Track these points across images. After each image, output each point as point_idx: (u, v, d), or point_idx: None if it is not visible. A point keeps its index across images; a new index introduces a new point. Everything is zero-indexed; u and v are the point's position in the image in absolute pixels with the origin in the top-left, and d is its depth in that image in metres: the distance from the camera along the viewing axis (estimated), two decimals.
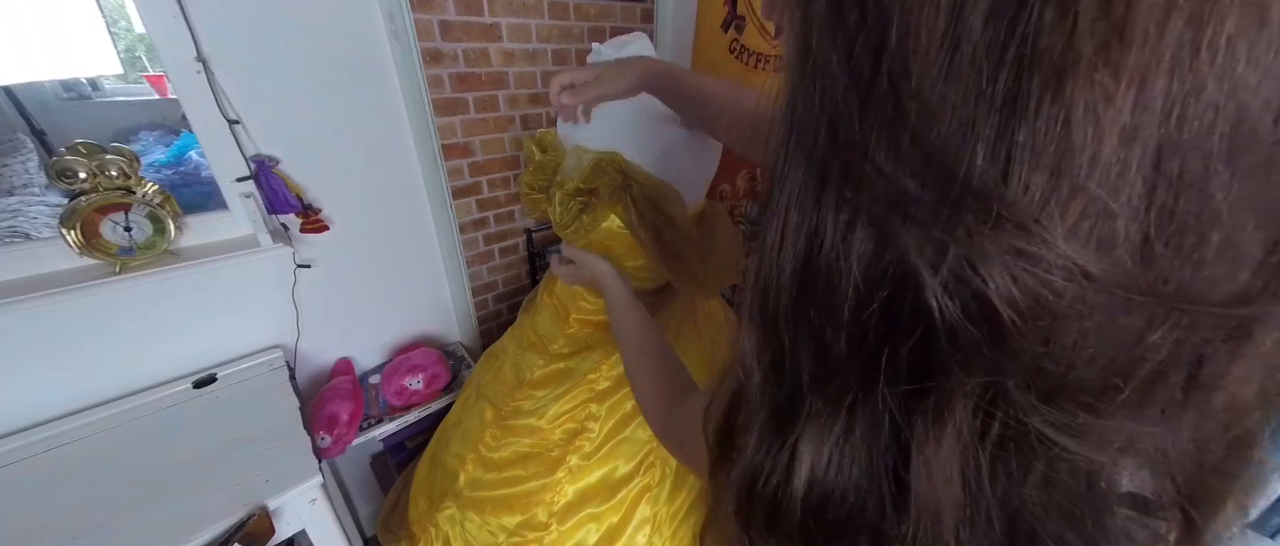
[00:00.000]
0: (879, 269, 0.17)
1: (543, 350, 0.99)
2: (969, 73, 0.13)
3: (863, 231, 0.17)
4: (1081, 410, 0.16)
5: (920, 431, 0.18)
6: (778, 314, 0.21)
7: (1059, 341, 0.15)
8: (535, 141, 0.94)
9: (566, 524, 0.83)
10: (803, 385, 0.21)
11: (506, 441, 0.92)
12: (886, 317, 0.18)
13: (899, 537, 0.19)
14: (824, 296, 0.19)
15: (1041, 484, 0.17)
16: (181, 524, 0.75)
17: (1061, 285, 0.14)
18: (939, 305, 0.16)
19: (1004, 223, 0.14)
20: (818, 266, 0.19)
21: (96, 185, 0.87)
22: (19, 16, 0.91)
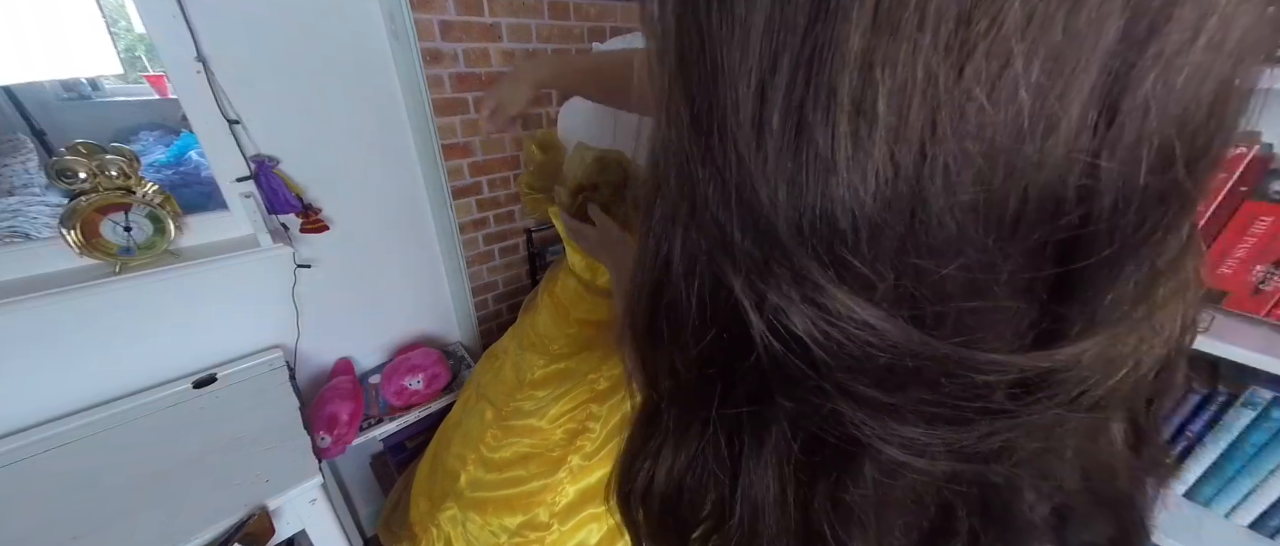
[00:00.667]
0: (716, 302, 0.20)
1: (543, 350, 0.99)
2: (772, 151, 0.16)
3: (702, 267, 0.19)
4: (902, 424, 0.17)
5: (747, 448, 0.21)
6: (639, 329, 0.23)
7: (867, 372, 0.17)
8: (535, 141, 0.94)
9: (568, 524, 0.83)
10: (662, 397, 0.24)
11: (507, 441, 0.92)
12: (723, 345, 0.20)
13: (728, 530, 0.23)
14: (672, 320, 0.21)
15: (838, 490, 0.20)
16: (181, 524, 0.74)
17: (853, 332, 0.16)
18: (761, 340, 0.18)
19: (802, 275, 0.16)
20: (667, 291, 0.21)
21: (96, 185, 0.87)
22: (19, 16, 0.91)
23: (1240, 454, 0.74)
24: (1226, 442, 0.74)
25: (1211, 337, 0.66)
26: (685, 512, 0.25)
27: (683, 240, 0.20)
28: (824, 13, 0.14)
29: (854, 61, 0.14)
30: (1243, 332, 0.67)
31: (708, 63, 0.16)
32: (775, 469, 0.21)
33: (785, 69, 0.15)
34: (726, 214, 0.17)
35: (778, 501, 0.21)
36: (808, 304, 0.16)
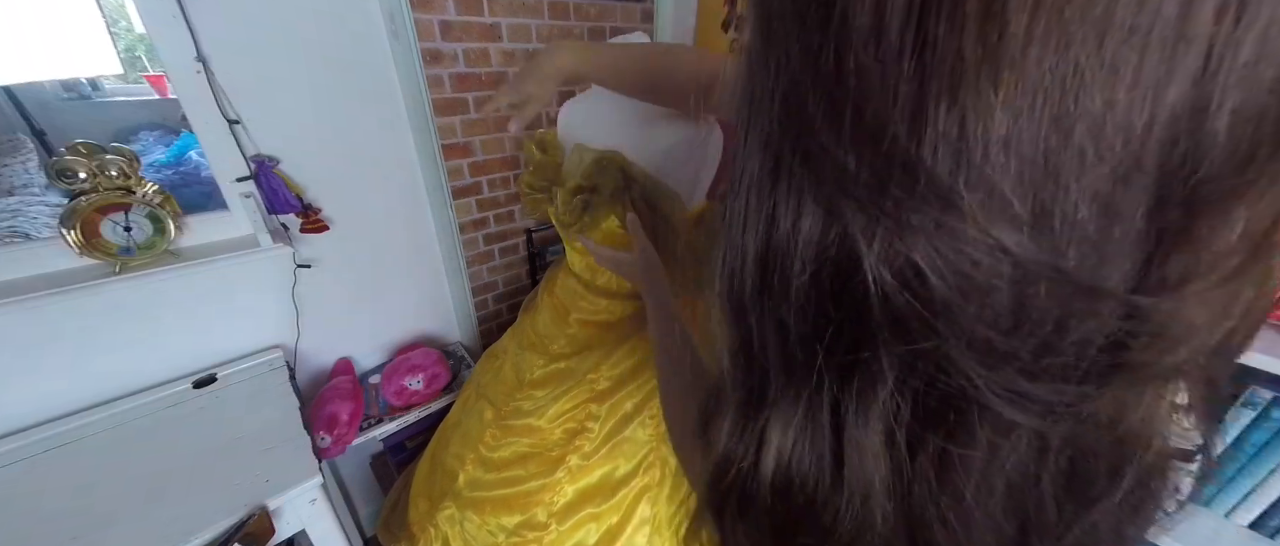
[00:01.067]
0: (825, 247, 0.18)
1: (543, 350, 0.99)
2: (892, 60, 0.15)
3: (810, 210, 0.18)
4: (1019, 375, 0.16)
5: (853, 411, 0.19)
6: (743, 298, 0.21)
7: (989, 309, 0.16)
8: (535, 141, 0.94)
9: (566, 524, 0.83)
10: (768, 369, 0.22)
11: (506, 441, 0.92)
12: (834, 298, 0.19)
13: (839, 518, 0.21)
14: (781, 278, 0.20)
15: (945, 457, 0.19)
16: (181, 524, 0.74)
17: (982, 258, 0.15)
18: (875, 277, 0.17)
19: (928, 197, 0.15)
20: (774, 248, 0.20)
21: (96, 185, 0.87)
22: (19, 16, 0.91)
23: (1240, 454, 0.74)
24: (1226, 443, 0.74)
25: None
26: (799, 504, 0.22)
27: (788, 187, 0.19)
28: None
29: None
30: None
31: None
32: (882, 435, 0.19)
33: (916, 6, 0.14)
34: (837, 139, 0.16)
35: (885, 472, 0.20)
36: (934, 229, 0.16)
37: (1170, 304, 0.16)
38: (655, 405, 0.87)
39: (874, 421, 0.19)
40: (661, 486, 0.85)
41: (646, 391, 0.87)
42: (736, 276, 0.22)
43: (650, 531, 0.83)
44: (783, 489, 0.22)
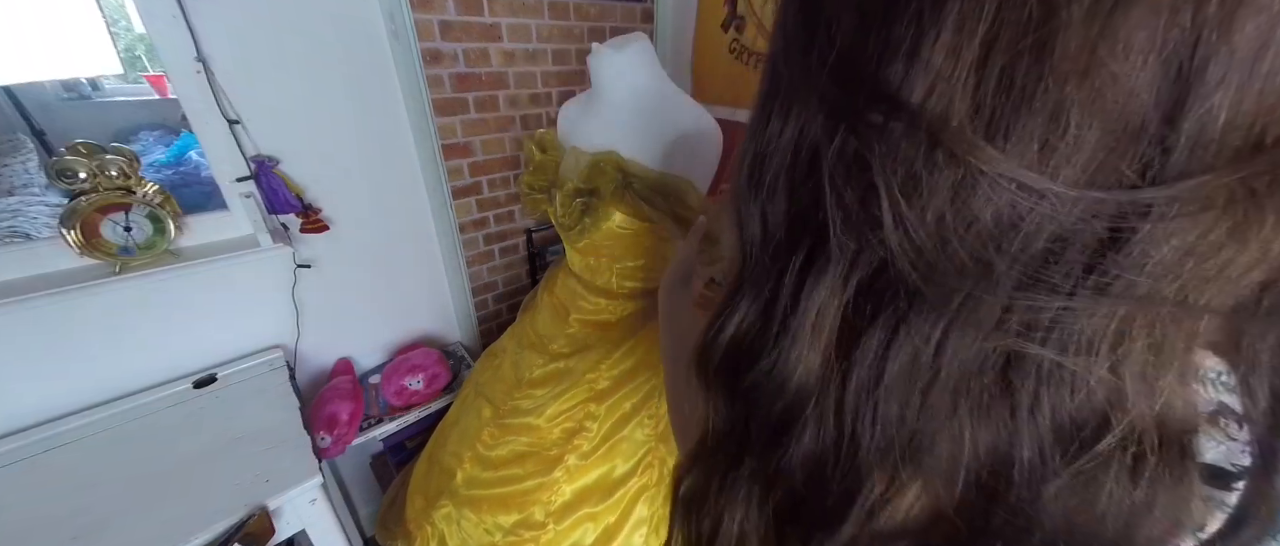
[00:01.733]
0: (802, 145, 0.21)
1: (542, 349, 0.99)
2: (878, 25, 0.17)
3: (792, 119, 0.21)
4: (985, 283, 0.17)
5: (805, 291, 0.21)
6: (739, 193, 0.25)
7: (928, 213, 0.17)
8: (535, 142, 0.94)
9: (563, 523, 0.83)
10: (752, 251, 0.25)
11: (504, 440, 0.92)
12: (808, 192, 0.21)
13: (775, 383, 0.23)
14: (767, 172, 0.23)
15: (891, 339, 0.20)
16: (181, 524, 0.75)
17: (942, 176, 0.17)
18: (830, 170, 0.19)
19: (903, 120, 0.17)
20: (764, 148, 0.23)
21: (96, 185, 0.87)
22: (19, 16, 0.91)
23: None
24: None
25: None
26: (745, 362, 0.25)
27: (779, 103, 0.22)
28: None
29: None
30: None
31: None
32: (828, 308, 0.21)
33: None
34: (819, 74, 0.19)
35: (819, 346, 0.22)
36: (929, 156, 0.17)
37: (1149, 223, 0.15)
38: (654, 405, 0.87)
39: (821, 294, 0.21)
40: (659, 486, 0.85)
41: (645, 391, 0.87)
42: (738, 174, 0.25)
43: (647, 531, 0.84)
44: (734, 348, 0.26)
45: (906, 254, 0.18)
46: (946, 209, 0.17)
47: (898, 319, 0.19)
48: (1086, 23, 0.14)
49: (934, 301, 0.18)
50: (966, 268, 0.17)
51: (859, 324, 0.20)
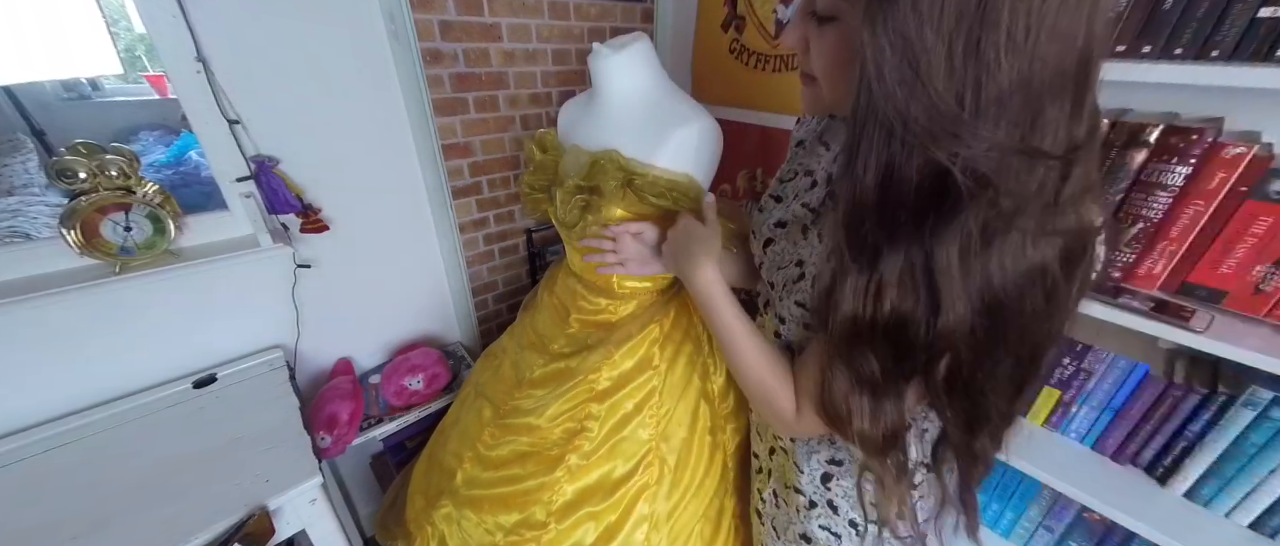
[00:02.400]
0: (925, 169, 0.35)
1: (543, 349, 0.99)
2: (938, 53, 0.32)
3: (916, 154, 0.35)
4: (1029, 216, 0.35)
5: (938, 247, 0.36)
6: (863, 209, 0.38)
7: (1016, 182, 0.34)
8: (535, 141, 0.94)
9: (564, 523, 0.83)
10: (879, 246, 0.38)
11: (505, 440, 0.92)
12: (928, 195, 0.36)
13: (932, 328, 0.38)
14: (898, 188, 0.36)
15: (1007, 260, 0.36)
16: (181, 524, 0.75)
17: (988, 155, 0.33)
18: (967, 182, 0.34)
19: (965, 132, 0.33)
20: (894, 175, 0.36)
21: (96, 185, 0.87)
22: (19, 16, 0.91)
23: (1240, 454, 0.74)
24: (1226, 442, 0.74)
25: (1211, 337, 0.66)
26: (905, 323, 0.39)
27: (901, 145, 0.35)
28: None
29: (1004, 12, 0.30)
30: (1243, 332, 0.67)
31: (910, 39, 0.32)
32: (958, 255, 0.35)
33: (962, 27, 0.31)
34: (917, 111, 0.33)
35: (959, 269, 0.36)
36: (986, 148, 0.33)
37: (1089, 148, 0.35)
38: (654, 405, 0.87)
39: (953, 248, 0.35)
40: (660, 484, 0.85)
41: (646, 391, 0.87)
42: (856, 199, 0.38)
43: (649, 529, 0.83)
44: (894, 319, 0.39)
45: (1005, 209, 0.34)
46: (1019, 179, 0.34)
47: (1000, 245, 0.35)
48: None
49: (1020, 230, 0.35)
50: (1029, 192, 0.34)
51: (977, 252, 0.35)
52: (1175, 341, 0.70)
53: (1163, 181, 0.69)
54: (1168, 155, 0.68)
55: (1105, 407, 0.87)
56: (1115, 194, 0.73)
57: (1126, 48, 0.68)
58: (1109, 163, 0.72)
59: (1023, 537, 1.04)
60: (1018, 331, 0.38)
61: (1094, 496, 0.83)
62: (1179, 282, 0.73)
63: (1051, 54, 0.30)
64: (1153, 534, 0.79)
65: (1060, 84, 0.32)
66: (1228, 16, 0.61)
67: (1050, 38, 0.30)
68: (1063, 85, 0.32)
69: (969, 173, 0.33)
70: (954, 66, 0.31)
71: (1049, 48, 0.30)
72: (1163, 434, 0.82)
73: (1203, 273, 0.71)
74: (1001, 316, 0.36)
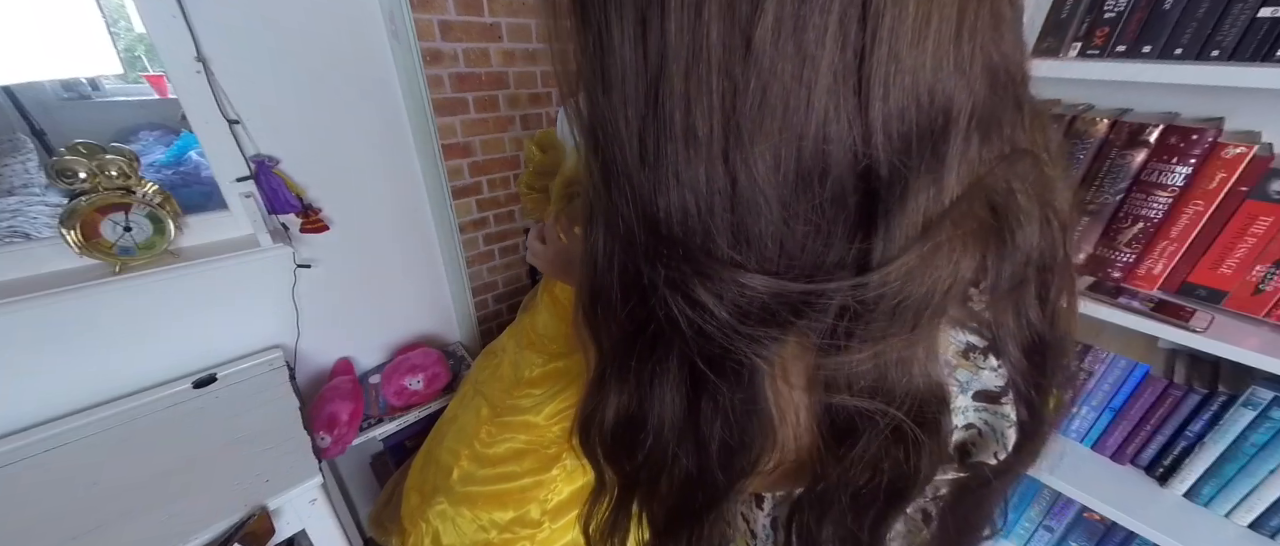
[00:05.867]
0: (625, 282, 0.27)
1: (542, 349, 0.99)
2: (636, 160, 0.23)
3: (619, 255, 0.27)
4: (768, 340, 0.24)
5: (655, 379, 0.28)
6: (586, 310, 0.31)
7: (750, 313, 0.24)
8: (535, 141, 0.94)
9: (559, 521, 0.83)
10: (605, 357, 0.31)
11: (502, 437, 0.92)
12: (634, 313, 0.27)
13: (651, 445, 0.30)
14: (605, 302, 0.29)
15: (718, 397, 0.27)
16: (181, 524, 0.75)
17: (725, 287, 0.23)
18: (662, 304, 0.25)
19: (685, 257, 0.24)
20: (599, 281, 0.29)
21: (96, 185, 0.87)
22: (19, 16, 0.91)
23: (1240, 454, 0.74)
24: (1226, 442, 0.74)
25: (1211, 337, 0.66)
26: (627, 437, 0.32)
27: (605, 246, 0.27)
28: (656, 83, 0.21)
29: (678, 101, 0.21)
30: (1243, 332, 0.67)
31: (604, 129, 0.24)
32: (675, 389, 0.28)
33: (649, 124, 0.22)
34: (630, 215, 0.25)
35: (677, 411, 0.28)
36: (698, 274, 0.23)
37: (879, 275, 0.22)
38: None
39: (668, 384, 0.28)
40: None
41: None
42: (581, 297, 0.31)
43: None
44: (617, 430, 0.32)
45: (718, 338, 0.24)
46: (733, 303, 0.24)
47: (717, 387, 0.26)
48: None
49: (736, 366, 0.25)
50: (756, 336, 0.24)
51: (695, 390, 0.27)
52: (1175, 341, 0.70)
53: (1163, 181, 0.69)
54: (1168, 155, 0.68)
55: (1105, 407, 0.87)
56: (1115, 194, 0.73)
57: (1126, 48, 0.68)
58: (1109, 163, 0.72)
59: (1023, 537, 1.04)
60: None
61: (1094, 496, 0.83)
62: (1179, 282, 0.73)
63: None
64: (1153, 534, 0.79)
65: None
66: (1228, 16, 0.61)
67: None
68: None
69: (684, 297, 0.24)
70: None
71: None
72: (1163, 434, 0.82)
73: (1203, 273, 0.71)
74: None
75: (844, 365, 0.24)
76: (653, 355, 0.28)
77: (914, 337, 0.24)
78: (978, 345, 0.28)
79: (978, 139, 0.22)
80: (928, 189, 0.21)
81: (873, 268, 0.22)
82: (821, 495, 0.29)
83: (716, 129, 0.21)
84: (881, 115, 0.20)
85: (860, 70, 0.20)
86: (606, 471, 0.36)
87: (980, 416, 0.30)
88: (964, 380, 0.29)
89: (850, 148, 0.21)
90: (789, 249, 0.23)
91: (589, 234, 0.28)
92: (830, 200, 0.22)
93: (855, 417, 0.25)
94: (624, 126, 0.23)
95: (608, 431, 0.32)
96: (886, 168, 0.21)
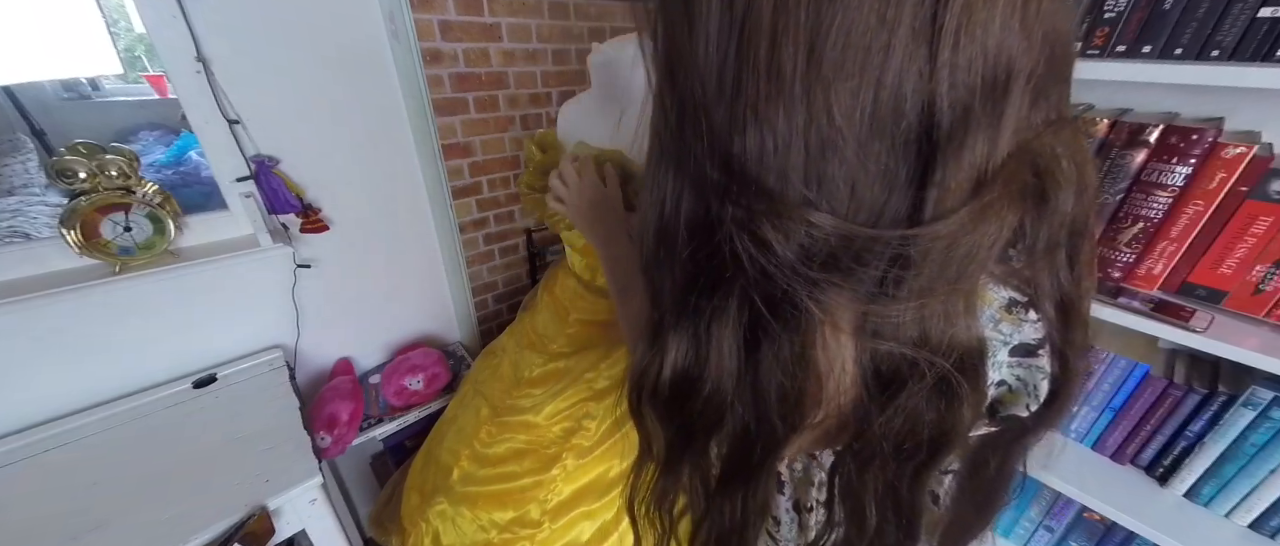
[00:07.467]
0: (693, 225, 0.28)
1: (542, 349, 0.99)
2: (718, 101, 0.24)
3: (687, 197, 0.28)
4: (827, 285, 0.25)
5: (715, 325, 0.28)
6: (648, 257, 0.31)
7: (813, 255, 0.24)
8: (535, 142, 0.94)
9: (559, 521, 0.83)
10: (665, 306, 0.31)
11: (502, 437, 0.92)
12: (704, 255, 0.28)
13: (708, 395, 0.30)
14: (669, 244, 0.29)
15: (778, 345, 0.27)
16: (181, 524, 0.75)
17: (798, 229, 0.24)
18: (731, 246, 0.26)
19: (756, 191, 0.24)
20: (666, 224, 0.29)
21: (96, 185, 0.87)
22: (19, 16, 0.91)
23: (1240, 454, 0.74)
24: (1226, 443, 0.74)
25: (1211, 337, 0.66)
26: (685, 389, 0.31)
27: (675, 183, 0.28)
28: (744, 17, 0.22)
29: (765, 35, 0.22)
30: (1243, 332, 0.67)
31: (684, 65, 0.24)
32: (733, 335, 0.28)
33: (731, 59, 0.23)
34: (704, 157, 0.25)
35: (736, 360, 0.28)
36: (769, 214, 0.24)
37: (931, 230, 0.23)
38: None
39: (728, 329, 0.28)
40: None
41: None
42: (645, 243, 0.31)
43: None
44: (676, 384, 0.32)
45: (780, 280, 0.25)
46: (799, 245, 0.24)
47: (777, 331, 0.27)
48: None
49: (793, 311, 0.25)
50: (816, 280, 0.24)
51: (752, 339, 0.28)
52: (1175, 341, 0.70)
53: (1163, 181, 0.69)
54: (1168, 155, 0.68)
55: (1105, 408, 0.87)
56: (1115, 194, 0.73)
57: (1126, 48, 0.68)
58: (1109, 163, 0.72)
59: (1022, 537, 1.04)
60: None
61: (1094, 496, 0.83)
62: (1179, 282, 0.73)
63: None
64: (1153, 534, 0.79)
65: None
66: (1228, 16, 0.61)
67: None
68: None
69: (752, 237, 0.25)
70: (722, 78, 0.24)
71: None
72: (1163, 434, 0.82)
73: (1203, 273, 0.71)
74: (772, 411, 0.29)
75: (892, 314, 0.25)
76: (713, 299, 0.28)
77: (959, 289, 0.25)
78: (1020, 299, 0.29)
79: (1030, 101, 0.23)
80: (984, 143, 0.22)
81: (928, 220, 0.23)
82: (864, 447, 0.29)
83: (801, 66, 0.21)
84: (950, 64, 0.21)
85: (935, 20, 0.20)
86: (656, 436, 0.36)
87: (1012, 373, 0.31)
88: (1007, 333, 0.29)
89: (922, 94, 0.22)
90: (859, 193, 0.23)
91: (655, 176, 0.29)
92: (901, 145, 0.23)
93: (901, 366, 0.26)
94: (705, 61, 0.24)
95: (665, 385, 0.32)
96: (949, 118, 0.22)
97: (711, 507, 0.36)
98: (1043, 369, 0.30)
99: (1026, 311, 0.29)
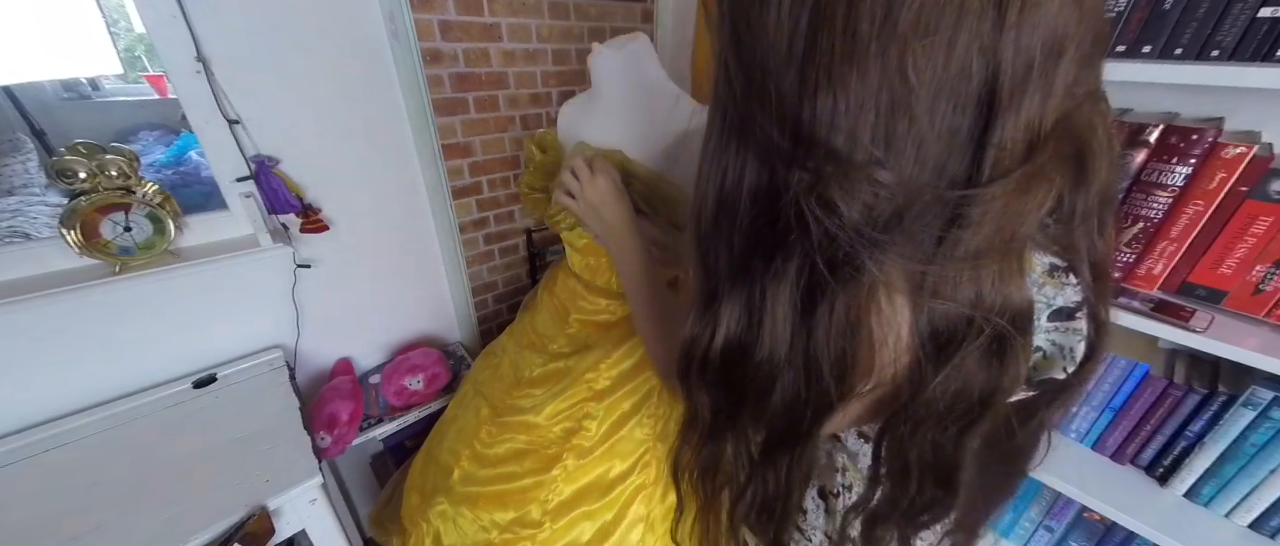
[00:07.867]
0: (758, 189, 0.29)
1: (542, 349, 0.99)
2: (786, 65, 0.25)
3: (751, 167, 0.29)
4: (888, 246, 0.25)
5: (770, 288, 0.29)
6: (706, 227, 0.32)
7: (877, 216, 0.25)
8: (535, 142, 0.94)
9: (560, 521, 0.83)
10: (720, 277, 0.32)
11: (502, 437, 0.92)
12: (765, 223, 0.29)
13: (760, 362, 0.31)
14: (730, 212, 0.30)
15: (830, 315, 0.28)
16: (181, 524, 0.75)
17: (867, 189, 0.25)
18: (796, 207, 0.26)
19: (826, 157, 0.25)
20: (727, 193, 0.30)
21: (96, 185, 0.87)
22: (19, 16, 0.91)
23: (1240, 454, 0.74)
24: (1226, 443, 0.74)
25: (1211, 337, 0.66)
26: (738, 355, 0.32)
27: (737, 152, 0.29)
28: None
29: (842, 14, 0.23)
30: (1243, 332, 0.67)
31: (753, 32, 0.25)
32: (789, 300, 0.29)
33: (804, 22, 0.24)
34: (770, 124, 0.26)
35: (789, 326, 0.29)
36: (838, 176, 0.25)
37: (989, 189, 0.24)
38: (653, 405, 0.87)
39: (784, 295, 0.29)
40: (656, 485, 0.85)
41: (645, 391, 0.87)
42: (702, 216, 0.32)
43: (644, 530, 0.84)
44: (728, 352, 0.33)
45: (844, 241, 0.26)
46: (863, 205, 0.25)
47: (836, 293, 0.27)
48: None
49: (854, 272, 0.26)
50: (878, 241, 0.25)
51: (809, 302, 0.29)
52: (1175, 341, 0.70)
53: (1163, 181, 0.69)
54: (1168, 155, 0.68)
55: (1105, 407, 0.87)
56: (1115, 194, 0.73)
57: (1126, 48, 0.68)
58: None
59: (1022, 537, 1.04)
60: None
61: (1094, 496, 0.83)
62: (1179, 282, 0.73)
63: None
64: (1153, 534, 0.79)
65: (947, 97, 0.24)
66: (1228, 16, 0.61)
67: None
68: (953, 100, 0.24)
69: (819, 201, 0.26)
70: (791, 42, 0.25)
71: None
72: (1163, 434, 0.82)
73: (1203, 273, 0.71)
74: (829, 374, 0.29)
75: (949, 274, 0.26)
76: (771, 265, 0.29)
77: (1012, 249, 0.26)
78: (1060, 264, 0.30)
79: (1076, 74, 0.25)
80: (1037, 106, 0.24)
81: (985, 181, 0.24)
82: (919, 408, 0.30)
83: (877, 27, 0.22)
84: (1017, 26, 0.22)
85: None
86: (702, 405, 0.37)
87: (1048, 338, 0.32)
88: (1050, 296, 0.31)
89: (989, 55, 0.23)
90: (923, 153, 0.24)
91: (717, 149, 0.30)
92: (967, 106, 0.24)
93: (957, 325, 0.27)
94: (776, 26, 0.24)
95: (716, 353, 0.33)
96: (1010, 80, 0.23)
97: (755, 474, 0.37)
98: (1079, 331, 0.32)
99: (1067, 275, 0.30)
